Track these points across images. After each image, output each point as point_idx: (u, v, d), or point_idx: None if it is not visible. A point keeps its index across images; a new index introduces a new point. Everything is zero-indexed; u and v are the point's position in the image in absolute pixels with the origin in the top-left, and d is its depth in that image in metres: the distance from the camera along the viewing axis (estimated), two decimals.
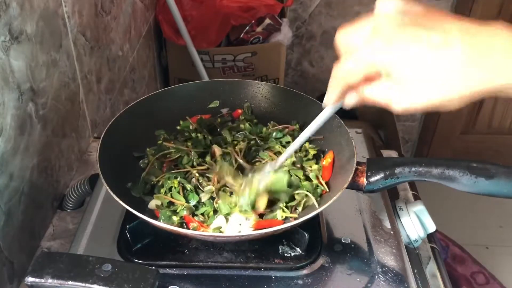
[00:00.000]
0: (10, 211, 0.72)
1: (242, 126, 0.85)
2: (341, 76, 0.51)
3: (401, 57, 0.46)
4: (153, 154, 0.79)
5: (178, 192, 0.72)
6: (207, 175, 0.76)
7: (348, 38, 0.50)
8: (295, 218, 0.70)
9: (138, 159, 0.80)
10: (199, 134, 0.82)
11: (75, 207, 0.88)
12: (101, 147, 0.72)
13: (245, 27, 1.68)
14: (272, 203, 0.72)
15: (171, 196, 0.72)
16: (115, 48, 1.19)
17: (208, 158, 0.79)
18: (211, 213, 0.71)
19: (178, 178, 0.74)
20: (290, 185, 0.73)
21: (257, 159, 0.80)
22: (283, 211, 0.70)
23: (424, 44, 0.46)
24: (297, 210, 0.72)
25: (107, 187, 0.65)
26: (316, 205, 0.70)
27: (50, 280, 0.54)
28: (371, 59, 0.48)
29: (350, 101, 0.54)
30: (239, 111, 0.88)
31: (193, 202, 0.72)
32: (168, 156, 0.79)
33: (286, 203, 0.71)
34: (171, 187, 0.73)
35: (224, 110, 0.89)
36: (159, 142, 0.82)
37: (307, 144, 0.80)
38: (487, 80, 0.46)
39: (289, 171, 0.75)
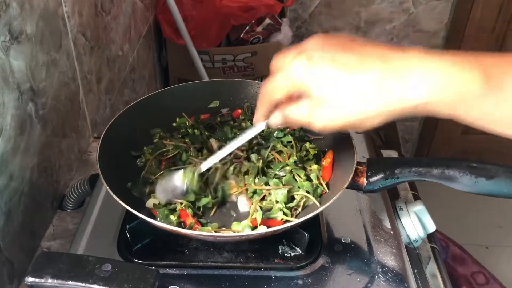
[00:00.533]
0: (10, 211, 0.72)
1: (243, 124, 0.85)
2: (266, 92, 0.56)
3: (319, 79, 0.50)
4: (150, 153, 0.79)
5: None
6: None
7: (279, 60, 0.54)
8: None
9: (136, 158, 0.80)
10: (195, 130, 0.82)
11: (75, 207, 0.88)
12: (101, 147, 0.72)
13: (245, 27, 1.68)
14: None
15: None
16: (115, 48, 1.19)
17: (205, 152, 0.78)
18: (211, 203, 0.71)
19: None
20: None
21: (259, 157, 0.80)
22: (284, 213, 0.70)
23: (341, 67, 0.49)
24: (297, 211, 0.72)
25: (107, 187, 0.65)
26: (318, 204, 0.70)
27: (50, 280, 0.54)
28: (292, 78, 0.52)
29: (275, 120, 0.58)
30: (239, 111, 0.88)
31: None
32: (165, 154, 0.79)
33: (285, 203, 0.71)
34: None
35: (224, 110, 0.89)
36: (155, 140, 0.82)
37: (307, 144, 0.80)
38: (400, 101, 0.49)
39: (291, 171, 0.75)
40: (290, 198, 0.72)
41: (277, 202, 0.71)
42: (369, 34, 2.19)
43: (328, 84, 0.50)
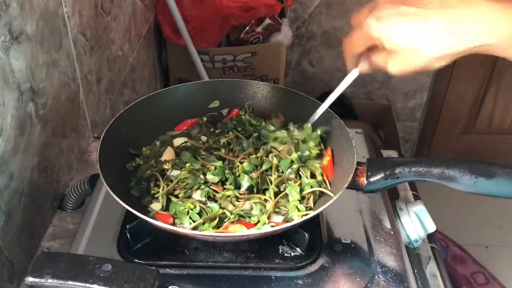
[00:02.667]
0: (10, 211, 0.72)
1: (243, 117, 0.86)
2: (348, 47, 0.65)
3: (389, 33, 0.58)
4: (144, 158, 0.79)
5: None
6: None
7: (357, 16, 0.62)
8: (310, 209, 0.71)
9: (134, 156, 0.80)
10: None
11: (75, 207, 0.88)
12: (101, 147, 0.72)
13: (245, 27, 1.68)
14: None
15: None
16: (115, 48, 1.19)
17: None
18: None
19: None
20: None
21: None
22: (298, 210, 0.70)
23: (406, 18, 0.56)
24: (309, 205, 0.72)
25: (107, 187, 0.65)
26: (332, 194, 0.70)
27: (50, 280, 0.54)
28: (367, 34, 0.60)
29: (363, 67, 0.67)
30: (236, 110, 0.88)
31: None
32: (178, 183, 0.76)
33: (299, 201, 0.71)
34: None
35: (224, 110, 0.89)
36: (157, 142, 0.82)
37: (311, 143, 0.79)
38: (462, 44, 0.56)
39: (298, 168, 0.75)
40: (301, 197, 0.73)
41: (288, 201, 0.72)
42: None
43: (396, 36, 0.57)
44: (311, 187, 0.73)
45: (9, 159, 0.71)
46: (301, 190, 0.73)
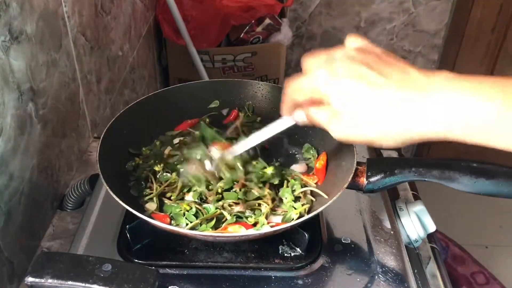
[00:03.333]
0: (10, 211, 0.72)
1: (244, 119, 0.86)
2: (289, 91, 0.56)
3: (339, 92, 0.50)
4: (143, 159, 0.79)
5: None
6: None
7: (308, 61, 0.53)
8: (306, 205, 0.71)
9: (134, 156, 0.80)
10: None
11: (75, 207, 0.88)
12: (101, 147, 0.72)
13: (245, 27, 1.68)
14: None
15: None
16: (115, 48, 1.19)
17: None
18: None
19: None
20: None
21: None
22: (295, 208, 0.70)
23: (364, 82, 0.49)
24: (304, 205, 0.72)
25: (107, 187, 0.65)
26: (324, 195, 0.71)
27: (50, 280, 0.54)
28: (315, 85, 0.52)
29: (298, 117, 0.58)
30: (235, 111, 0.88)
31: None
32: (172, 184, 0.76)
33: (293, 201, 0.72)
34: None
35: (224, 111, 0.89)
36: (157, 142, 0.82)
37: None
38: (419, 125, 0.48)
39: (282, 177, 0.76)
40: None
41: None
42: (369, 34, 2.19)
43: (347, 99, 0.50)
44: (302, 186, 0.73)
45: (9, 159, 0.71)
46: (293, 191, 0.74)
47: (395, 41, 2.22)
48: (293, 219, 0.69)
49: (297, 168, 0.79)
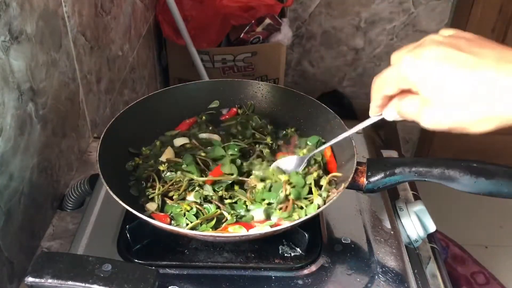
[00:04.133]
0: (10, 211, 0.72)
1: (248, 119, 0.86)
2: (377, 85, 0.54)
3: (426, 78, 0.47)
4: (144, 159, 0.79)
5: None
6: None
7: (396, 53, 0.51)
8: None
9: (134, 155, 0.80)
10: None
11: (75, 207, 0.88)
12: (101, 147, 0.72)
13: (245, 27, 1.68)
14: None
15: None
16: (115, 48, 1.19)
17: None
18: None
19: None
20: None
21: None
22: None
23: (454, 63, 0.46)
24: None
25: (107, 187, 0.65)
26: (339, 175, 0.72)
27: (50, 280, 0.54)
28: (401, 74, 0.49)
29: (389, 114, 0.56)
30: (234, 109, 0.88)
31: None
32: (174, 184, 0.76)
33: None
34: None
35: (224, 110, 0.89)
36: (157, 142, 0.82)
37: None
38: (508, 108, 0.45)
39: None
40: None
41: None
42: (369, 34, 2.19)
43: (435, 83, 0.47)
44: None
45: (9, 159, 0.71)
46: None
47: (395, 41, 2.22)
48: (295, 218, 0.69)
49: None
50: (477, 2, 2.08)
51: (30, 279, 0.54)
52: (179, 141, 0.83)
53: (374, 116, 0.59)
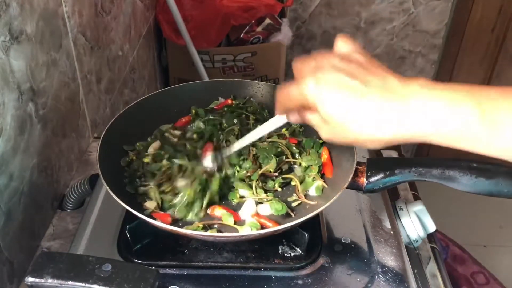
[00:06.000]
0: (10, 211, 0.72)
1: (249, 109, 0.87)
2: (281, 99, 0.59)
3: (324, 101, 0.53)
4: (136, 153, 0.79)
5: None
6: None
7: (298, 68, 0.56)
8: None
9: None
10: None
11: (75, 207, 0.88)
12: (101, 147, 0.72)
13: (245, 27, 1.68)
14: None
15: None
16: (115, 48, 1.19)
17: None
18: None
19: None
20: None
21: None
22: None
23: (345, 91, 0.52)
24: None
25: (107, 187, 0.65)
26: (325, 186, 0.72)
27: (50, 280, 0.54)
28: (303, 94, 0.54)
29: (293, 118, 0.62)
30: (229, 101, 0.88)
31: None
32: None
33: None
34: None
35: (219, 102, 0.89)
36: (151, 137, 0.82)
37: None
38: (398, 131, 0.51)
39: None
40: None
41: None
42: (369, 34, 2.19)
43: (331, 107, 0.53)
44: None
45: (9, 159, 0.71)
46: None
47: (395, 41, 2.22)
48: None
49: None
50: (477, 2, 2.08)
51: (30, 279, 0.54)
52: (173, 134, 0.82)
53: (277, 119, 0.65)
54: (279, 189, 0.74)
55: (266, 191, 0.73)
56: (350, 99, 0.52)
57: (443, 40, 2.24)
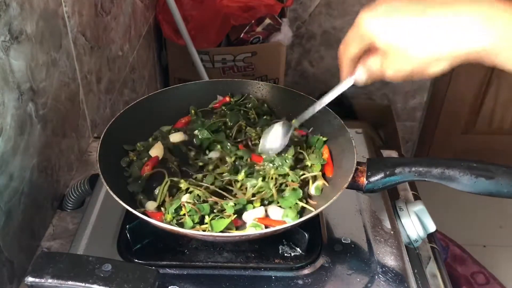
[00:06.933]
0: (10, 211, 0.72)
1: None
2: (342, 48, 0.60)
3: (382, 28, 0.54)
4: (137, 154, 0.79)
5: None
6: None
7: (359, 15, 0.57)
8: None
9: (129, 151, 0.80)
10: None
11: (75, 207, 0.88)
12: (101, 147, 0.72)
13: (245, 27, 1.68)
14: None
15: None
16: (115, 48, 1.19)
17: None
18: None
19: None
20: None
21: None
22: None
23: (402, 14, 0.53)
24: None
25: (107, 187, 0.65)
26: (326, 184, 0.73)
27: (50, 280, 0.54)
28: (361, 31, 0.55)
29: (359, 75, 0.62)
30: (227, 98, 0.88)
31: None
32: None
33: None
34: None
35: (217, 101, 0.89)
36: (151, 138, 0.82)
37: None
38: (461, 45, 0.52)
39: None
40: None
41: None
42: None
43: (391, 32, 0.53)
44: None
45: (9, 159, 0.71)
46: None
47: None
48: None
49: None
50: None
51: (30, 279, 0.54)
52: (174, 137, 0.82)
53: (345, 81, 0.64)
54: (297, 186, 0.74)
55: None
56: (408, 19, 0.52)
57: None
